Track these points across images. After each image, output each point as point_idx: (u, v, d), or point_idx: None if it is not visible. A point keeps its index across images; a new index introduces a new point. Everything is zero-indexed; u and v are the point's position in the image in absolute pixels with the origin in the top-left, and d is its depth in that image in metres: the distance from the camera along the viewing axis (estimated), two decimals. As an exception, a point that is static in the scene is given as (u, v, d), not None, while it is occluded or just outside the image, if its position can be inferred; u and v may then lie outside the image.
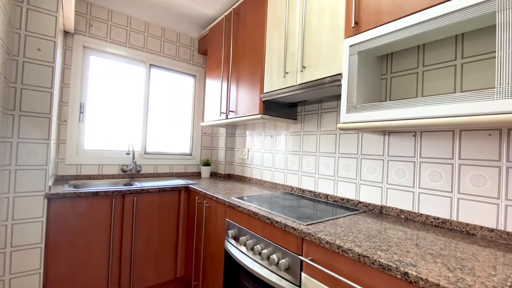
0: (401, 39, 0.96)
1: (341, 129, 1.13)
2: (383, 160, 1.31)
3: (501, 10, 0.72)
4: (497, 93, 0.71)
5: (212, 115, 2.21)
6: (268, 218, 1.13)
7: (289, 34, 1.48)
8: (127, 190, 1.71)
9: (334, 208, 1.36)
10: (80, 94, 2.06)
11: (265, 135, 2.13)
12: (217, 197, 1.54)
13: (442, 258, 0.76)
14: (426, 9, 0.89)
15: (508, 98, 0.69)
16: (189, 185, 1.94)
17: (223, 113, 2.03)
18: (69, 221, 1.52)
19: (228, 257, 1.39)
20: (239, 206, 1.33)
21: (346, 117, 1.11)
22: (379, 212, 1.30)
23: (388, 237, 0.93)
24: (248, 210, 1.26)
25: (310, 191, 1.68)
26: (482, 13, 0.76)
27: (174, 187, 1.91)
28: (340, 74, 1.17)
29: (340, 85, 1.18)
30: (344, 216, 1.19)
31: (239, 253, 1.29)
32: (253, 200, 1.46)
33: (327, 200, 1.56)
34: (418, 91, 1.17)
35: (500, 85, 0.71)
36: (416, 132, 1.19)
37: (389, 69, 1.28)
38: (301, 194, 1.72)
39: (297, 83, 1.40)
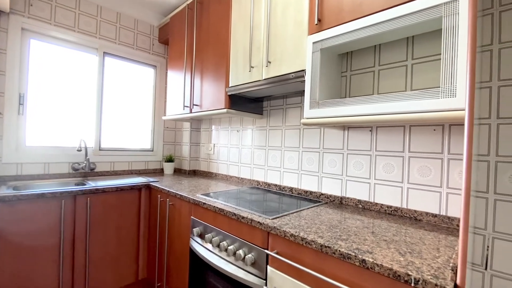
0: (360, 38, 1.00)
1: (305, 124, 1.15)
2: (342, 153, 1.38)
3: (446, 16, 0.79)
4: (441, 92, 0.78)
5: (175, 109, 2.10)
6: (234, 214, 1.12)
7: (254, 27, 1.46)
8: (79, 190, 1.56)
9: (298, 201, 1.40)
10: (19, 83, 1.81)
11: (231, 130, 2.10)
12: (181, 195, 1.48)
13: (395, 243, 0.82)
14: (383, 11, 0.94)
15: (450, 97, 0.76)
16: (151, 183, 1.84)
17: (187, 106, 1.95)
18: (8, 228, 1.34)
19: (194, 256, 1.35)
20: (204, 203, 1.30)
21: (309, 112, 1.14)
22: (339, 203, 1.37)
23: (348, 226, 0.98)
24: (214, 206, 1.23)
25: (276, 185, 1.70)
26: (430, 18, 0.82)
27: (134, 186, 1.80)
28: (304, 70, 1.19)
29: (304, 81, 1.21)
30: (308, 208, 1.24)
31: (205, 251, 1.27)
32: (220, 196, 1.43)
33: (292, 193, 1.60)
34: (374, 89, 1.24)
35: (444, 85, 0.78)
36: (373, 127, 1.27)
37: (349, 67, 1.34)
38: (267, 188, 1.74)
39: (263, 78, 1.39)
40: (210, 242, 1.23)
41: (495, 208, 0.96)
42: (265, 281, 0.98)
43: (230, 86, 1.60)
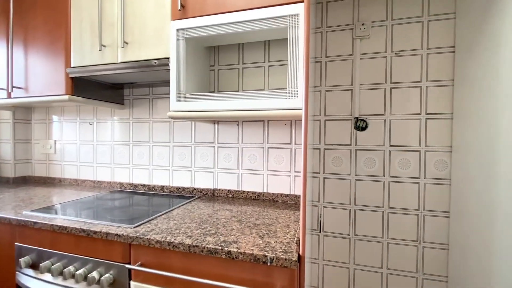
0: (224, 34, 1.02)
1: (171, 117, 1.07)
2: (214, 147, 1.40)
3: (291, 27, 0.92)
4: (288, 93, 0.91)
5: (-20, 92, 1.44)
6: (83, 230, 0.90)
7: (105, -3, 1.19)
8: None
9: (170, 199, 1.31)
10: None
11: (80, 122, 1.68)
12: (-6, 216, 1.04)
13: (257, 228, 0.91)
14: (243, 10, 0.98)
15: (293, 98, 0.90)
16: None
17: (3, 89, 1.38)
18: None
19: (23, 295, 1.00)
20: (36, 223, 0.97)
21: (176, 105, 1.06)
22: (212, 195, 1.40)
23: (218, 219, 1.00)
24: (52, 225, 0.94)
25: (144, 185, 1.52)
26: (280, 26, 0.93)
27: None
28: (168, 58, 1.09)
29: (169, 70, 1.11)
30: (179, 206, 1.17)
31: (40, 284, 0.96)
32: (67, 208, 1.12)
33: (163, 191, 1.49)
34: (239, 85, 1.32)
35: (289, 87, 0.91)
36: (239, 121, 1.35)
37: (216, 61, 1.36)
38: (133, 190, 1.53)
39: (119, 61, 1.17)
40: (49, 271, 0.94)
41: (324, 184, 1.26)
42: (128, 300, 0.85)
43: (73, 66, 1.25)
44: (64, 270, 0.91)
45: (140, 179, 1.54)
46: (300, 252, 0.72)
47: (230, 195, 1.37)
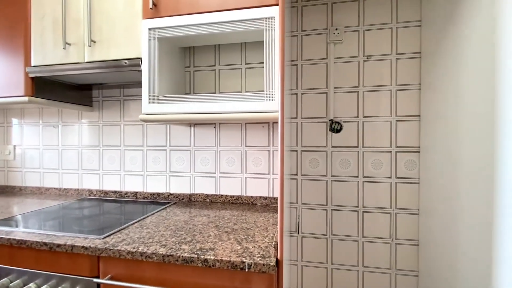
0: (199, 34, 0.99)
1: (144, 120, 1.02)
2: (190, 150, 1.36)
3: (266, 30, 0.92)
4: (264, 96, 0.91)
5: None
6: (45, 244, 0.82)
7: (69, -8, 1.12)
8: None
9: (144, 206, 1.25)
10: None
11: (44, 126, 1.56)
12: None
13: (234, 233, 0.89)
14: (218, 11, 0.96)
15: (270, 101, 0.90)
16: None
17: (-50, 90, 1.24)
18: None
19: (-26, 319, 0.89)
20: (-11, 237, 0.87)
21: (149, 108, 1.01)
22: (188, 201, 1.36)
23: (194, 225, 0.97)
24: (9, 239, 0.85)
25: (116, 192, 1.44)
26: (256, 28, 0.93)
27: None
28: (140, 59, 1.04)
29: (141, 70, 1.06)
30: (153, 214, 1.12)
31: (-5, 306, 0.86)
32: (28, 220, 1.03)
33: (136, 198, 1.42)
34: (216, 87, 1.30)
35: (266, 90, 0.91)
36: (216, 124, 1.33)
37: (192, 62, 1.32)
38: (103, 197, 1.44)
39: (86, 61, 1.10)
40: (6, 290, 0.85)
41: (302, 186, 1.27)
42: (97, 316, 0.80)
43: (33, 65, 1.15)
44: (24, 287, 0.83)
45: (111, 185, 1.46)
46: (278, 256, 0.71)
47: (208, 200, 1.34)
